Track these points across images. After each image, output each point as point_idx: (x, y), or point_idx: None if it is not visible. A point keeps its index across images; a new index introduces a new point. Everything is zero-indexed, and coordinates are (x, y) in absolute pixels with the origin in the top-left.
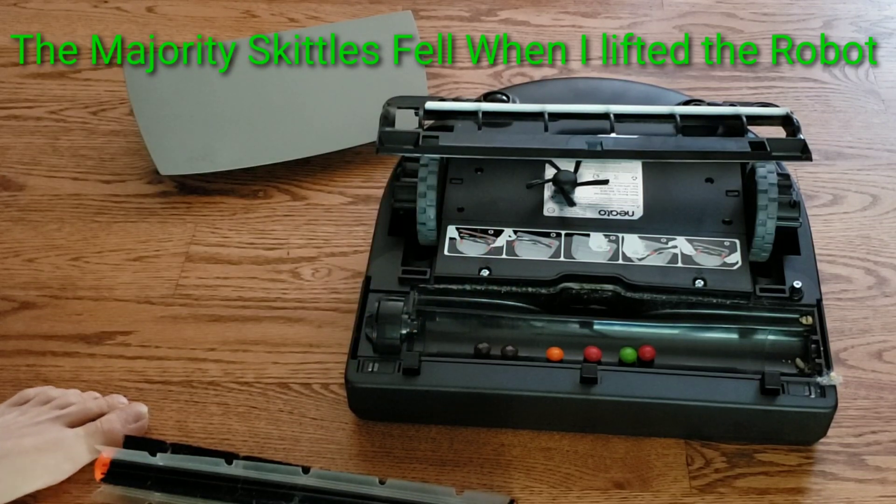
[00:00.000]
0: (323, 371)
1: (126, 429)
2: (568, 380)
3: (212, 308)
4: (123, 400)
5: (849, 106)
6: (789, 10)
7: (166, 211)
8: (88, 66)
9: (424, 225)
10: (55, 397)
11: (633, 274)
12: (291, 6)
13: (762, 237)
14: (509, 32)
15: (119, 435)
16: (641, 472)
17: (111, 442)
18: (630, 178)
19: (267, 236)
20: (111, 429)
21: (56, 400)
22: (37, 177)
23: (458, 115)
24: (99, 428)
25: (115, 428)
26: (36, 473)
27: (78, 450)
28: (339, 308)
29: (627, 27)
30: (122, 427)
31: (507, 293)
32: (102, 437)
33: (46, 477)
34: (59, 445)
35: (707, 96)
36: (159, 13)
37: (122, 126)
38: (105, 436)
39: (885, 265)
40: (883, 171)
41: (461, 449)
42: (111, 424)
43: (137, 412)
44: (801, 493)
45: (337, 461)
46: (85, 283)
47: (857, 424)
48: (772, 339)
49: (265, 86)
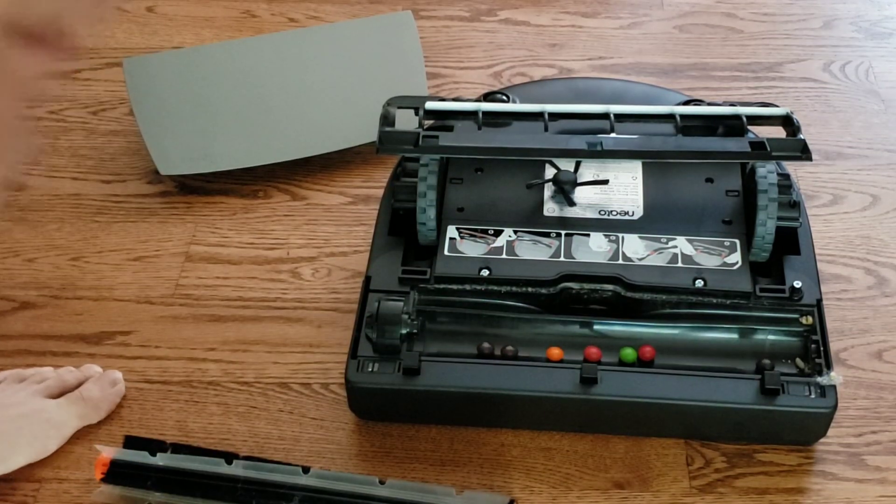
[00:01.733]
0: (323, 371)
1: (105, 394)
2: (568, 380)
3: (212, 308)
4: (97, 369)
5: (849, 106)
6: (789, 10)
7: (166, 211)
8: (88, 66)
9: (424, 225)
10: (29, 375)
11: (633, 274)
12: (291, 6)
13: (762, 237)
14: (509, 32)
15: (99, 401)
16: (641, 472)
17: (93, 408)
18: (630, 178)
19: (267, 236)
20: (91, 396)
21: (31, 377)
22: (37, 177)
23: (458, 115)
24: (80, 395)
25: (94, 395)
26: (22, 442)
27: (61, 418)
28: (339, 308)
29: (627, 27)
30: (100, 393)
31: (507, 293)
32: (84, 404)
33: (35, 445)
34: (42, 414)
35: (707, 96)
36: (159, 13)
37: (122, 126)
38: (86, 402)
39: (885, 265)
40: (883, 171)
41: (461, 449)
42: (90, 392)
43: (113, 378)
44: (801, 493)
45: (337, 461)
46: (85, 283)
47: (857, 424)
48: (772, 339)
49: (265, 86)
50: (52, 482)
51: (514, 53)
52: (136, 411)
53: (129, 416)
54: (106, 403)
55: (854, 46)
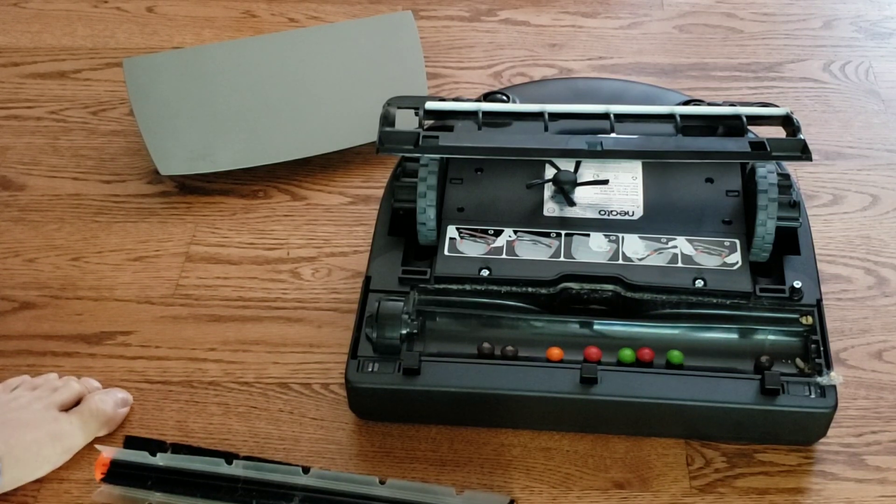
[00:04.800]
0: (323, 371)
1: (115, 412)
2: (568, 380)
3: (212, 308)
4: (96, 383)
5: (849, 106)
6: (789, 10)
7: (166, 211)
8: (88, 66)
9: (424, 225)
10: (40, 384)
11: (633, 274)
12: (291, 6)
13: (762, 237)
14: (509, 32)
15: (111, 415)
16: (641, 472)
17: (105, 422)
18: (630, 178)
19: (267, 236)
20: (104, 410)
21: (42, 386)
22: (37, 177)
23: (458, 115)
24: (94, 412)
25: (107, 409)
26: (37, 464)
27: (76, 438)
28: (339, 308)
29: (627, 27)
30: (112, 410)
31: (507, 293)
32: (96, 422)
33: (47, 466)
34: (58, 437)
35: (707, 96)
36: (159, 13)
37: (122, 126)
38: (98, 418)
39: (885, 265)
40: (883, 171)
41: (461, 449)
42: (104, 405)
43: (125, 398)
44: (801, 493)
45: (337, 461)
46: (85, 283)
47: (857, 424)
48: (772, 339)
49: (265, 86)
50: (52, 482)
51: (514, 53)
52: (136, 411)
53: (129, 416)
54: (115, 419)
55: (854, 46)
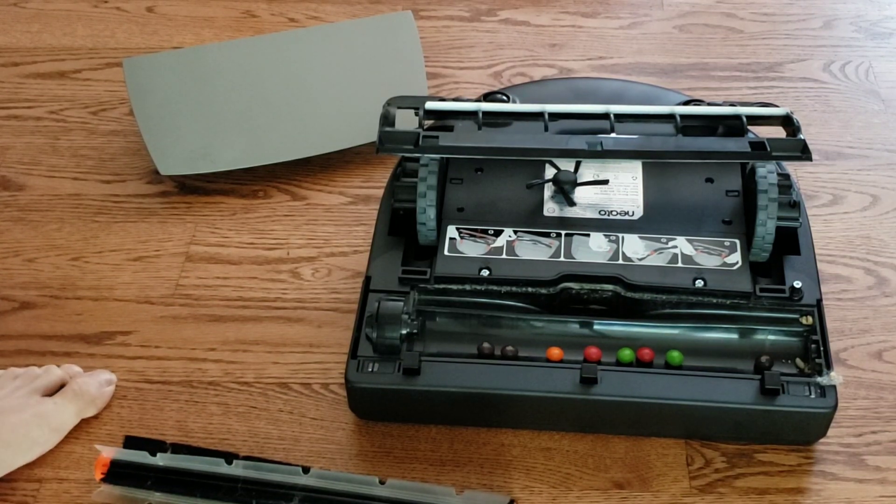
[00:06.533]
0: (323, 371)
1: (100, 390)
2: (568, 380)
3: (212, 308)
4: (78, 368)
5: (849, 106)
6: (789, 10)
7: (166, 211)
8: (88, 66)
9: (424, 225)
10: (21, 374)
11: (633, 274)
12: (291, 6)
13: (762, 237)
14: (509, 32)
15: (95, 396)
16: (641, 472)
17: (89, 402)
18: (630, 178)
19: (267, 236)
20: (87, 390)
21: (22, 375)
22: (37, 177)
23: (458, 115)
24: (76, 391)
25: (91, 390)
26: (25, 446)
27: (61, 418)
28: (339, 308)
29: (627, 27)
30: (96, 389)
31: (507, 293)
32: (80, 400)
33: (36, 448)
34: (44, 417)
35: (707, 96)
36: (159, 13)
37: (122, 126)
38: (82, 397)
39: (885, 265)
40: (883, 171)
41: (461, 449)
42: (88, 387)
43: (108, 377)
44: (801, 493)
45: (337, 461)
46: (85, 283)
47: (857, 424)
48: (772, 339)
49: (265, 86)
50: (52, 482)
51: (514, 53)
52: (136, 411)
53: (129, 416)
54: (101, 398)
55: (854, 46)
